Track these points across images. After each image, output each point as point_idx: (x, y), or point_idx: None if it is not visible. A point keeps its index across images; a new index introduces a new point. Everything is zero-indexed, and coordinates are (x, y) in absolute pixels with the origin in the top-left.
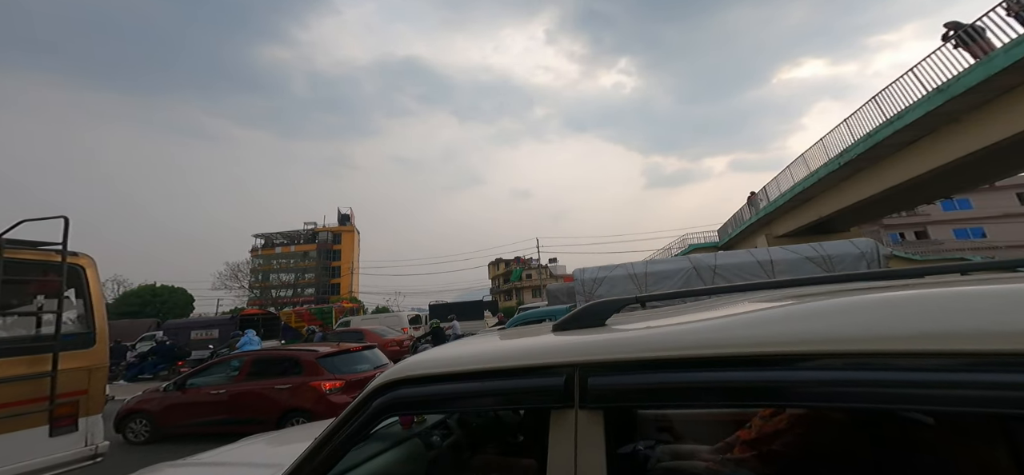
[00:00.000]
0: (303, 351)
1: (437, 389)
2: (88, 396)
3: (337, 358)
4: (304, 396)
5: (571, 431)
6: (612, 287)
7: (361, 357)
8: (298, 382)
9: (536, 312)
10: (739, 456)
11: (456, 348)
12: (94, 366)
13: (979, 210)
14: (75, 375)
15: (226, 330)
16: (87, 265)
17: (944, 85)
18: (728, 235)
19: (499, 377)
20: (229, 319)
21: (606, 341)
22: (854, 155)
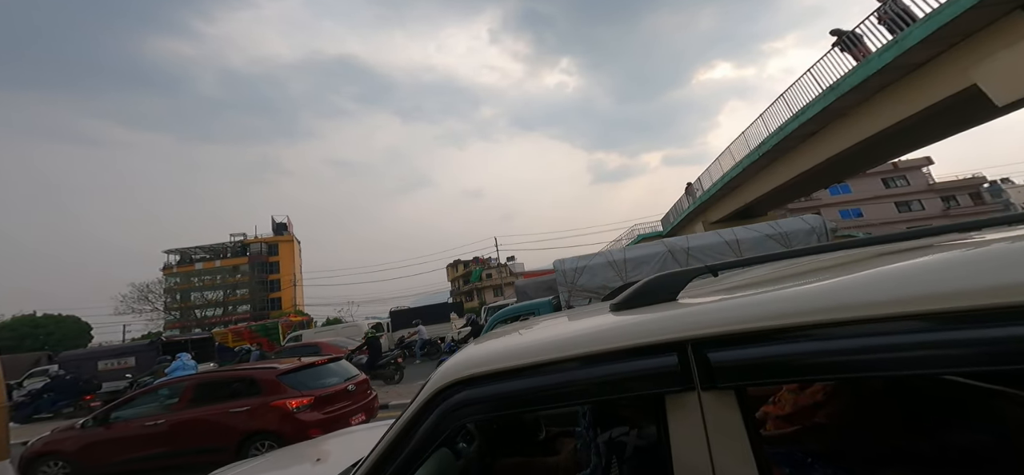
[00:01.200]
0: (258, 369)
1: (514, 386)
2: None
3: (301, 374)
4: (267, 418)
5: (696, 416)
6: (593, 275)
7: (327, 371)
8: (258, 403)
9: (517, 308)
10: (778, 432)
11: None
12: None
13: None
14: None
15: (146, 357)
16: None
17: (834, 84)
18: (671, 224)
19: (589, 364)
20: (148, 345)
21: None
22: (769, 146)
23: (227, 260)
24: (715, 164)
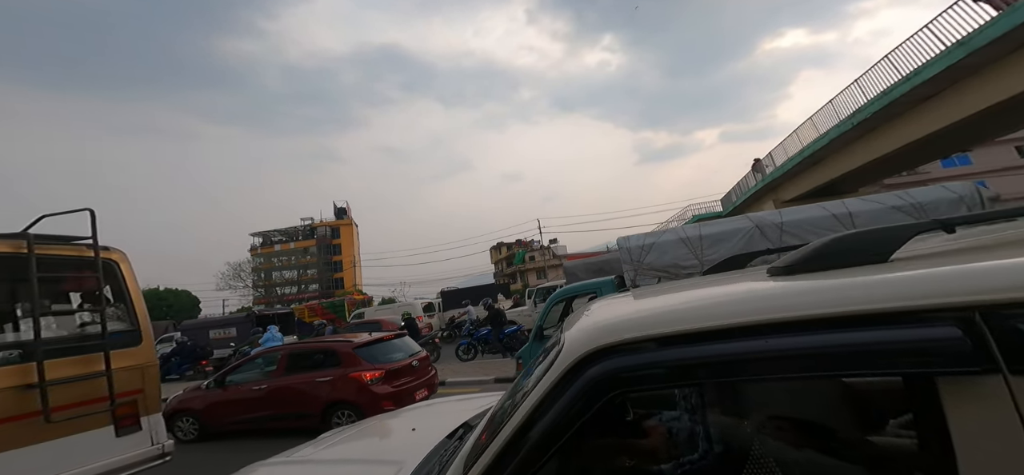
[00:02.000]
0: (338, 342)
1: (687, 355)
2: (144, 395)
3: (373, 347)
4: (346, 388)
5: (1004, 408)
6: (662, 253)
7: (394, 346)
8: (338, 374)
9: (576, 287)
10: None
11: (674, 299)
12: (145, 364)
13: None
14: (128, 374)
15: (244, 328)
16: (120, 260)
17: (965, 38)
18: (733, 204)
19: (808, 331)
20: (244, 317)
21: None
22: (868, 114)
23: (299, 242)
24: (791, 138)
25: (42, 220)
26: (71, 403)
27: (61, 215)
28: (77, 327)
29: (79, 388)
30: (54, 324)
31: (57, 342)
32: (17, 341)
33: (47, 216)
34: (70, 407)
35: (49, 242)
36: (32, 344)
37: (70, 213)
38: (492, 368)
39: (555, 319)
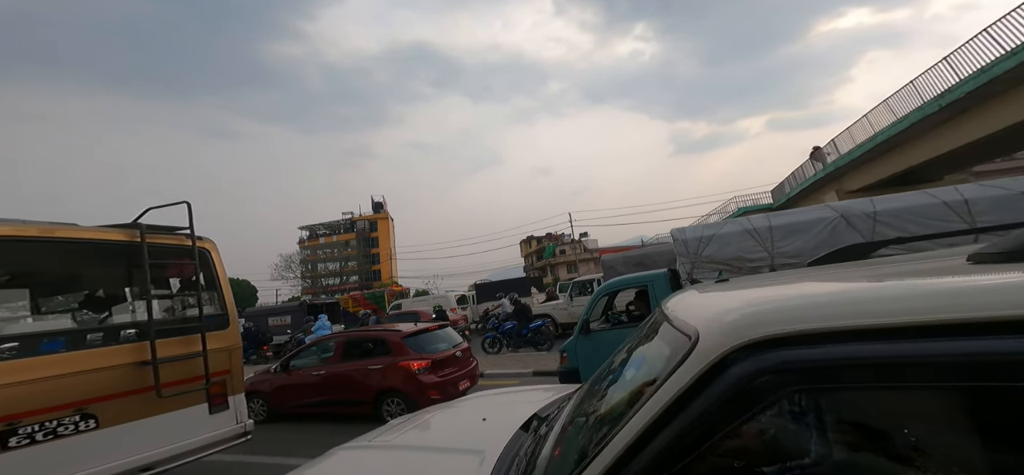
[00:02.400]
0: (388, 332)
1: (898, 351)
2: (231, 375)
3: (420, 337)
4: (395, 376)
5: None
6: (723, 245)
7: (439, 336)
8: (388, 363)
9: (627, 280)
10: None
11: (866, 285)
12: (232, 347)
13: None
14: (219, 355)
15: (297, 316)
16: (211, 248)
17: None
18: (786, 195)
19: None
20: (297, 306)
21: None
22: (961, 94)
23: (341, 236)
24: (860, 123)
25: (148, 212)
26: (176, 380)
27: (161, 208)
28: (178, 310)
29: (181, 367)
30: (157, 306)
31: (165, 323)
32: (134, 321)
33: (152, 209)
34: (175, 384)
35: (156, 232)
36: (146, 324)
37: (170, 205)
38: (531, 361)
39: (599, 313)
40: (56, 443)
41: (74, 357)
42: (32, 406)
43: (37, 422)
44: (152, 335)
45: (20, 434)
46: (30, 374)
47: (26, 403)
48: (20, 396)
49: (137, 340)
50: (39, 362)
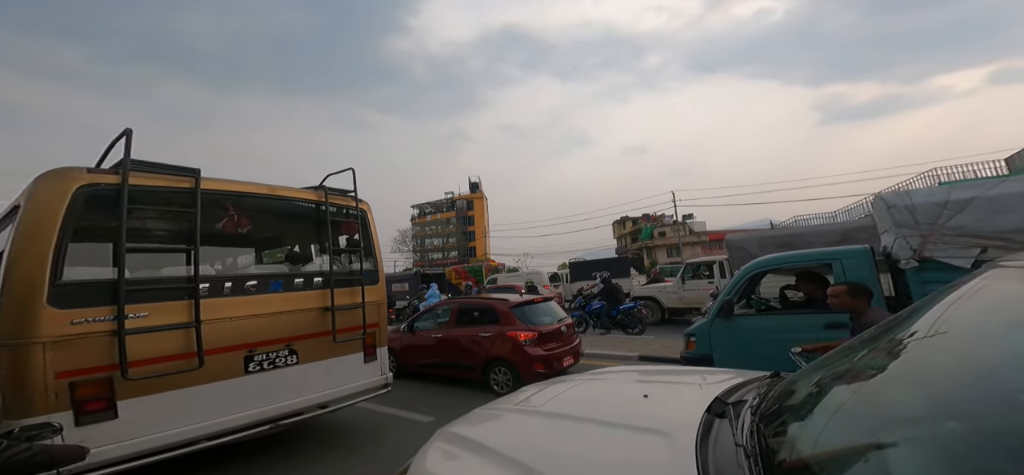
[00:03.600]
0: (498, 300)
1: None
2: (379, 329)
3: (526, 308)
4: (503, 346)
5: None
6: (994, 212)
7: (544, 309)
8: (497, 331)
9: (784, 258)
10: None
11: None
12: (380, 301)
13: None
14: (372, 308)
15: (413, 284)
16: (368, 210)
17: None
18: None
19: None
20: (413, 275)
21: None
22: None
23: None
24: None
25: (327, 178)
26: (344, 328)
27: (335, 174)
28: (345, 264)
29: (347, 315)
30: (327, 259)
31: (337, 275)
32: (319, 270)
33: (331, 174)
34: (344, 331)
35: (333, 194)
36: (328, 274)
37: (339, 172)
38: (621, 344)
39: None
40: (273, 373)
41: (287, 298)
42: (262, 338)
43: (264, 352)
44: (332, 284)
45: (255, 360)
46: (262, 309)
47: (259, 334)
48: (256, 327)
49: (322, 288)
50: (268, 299)
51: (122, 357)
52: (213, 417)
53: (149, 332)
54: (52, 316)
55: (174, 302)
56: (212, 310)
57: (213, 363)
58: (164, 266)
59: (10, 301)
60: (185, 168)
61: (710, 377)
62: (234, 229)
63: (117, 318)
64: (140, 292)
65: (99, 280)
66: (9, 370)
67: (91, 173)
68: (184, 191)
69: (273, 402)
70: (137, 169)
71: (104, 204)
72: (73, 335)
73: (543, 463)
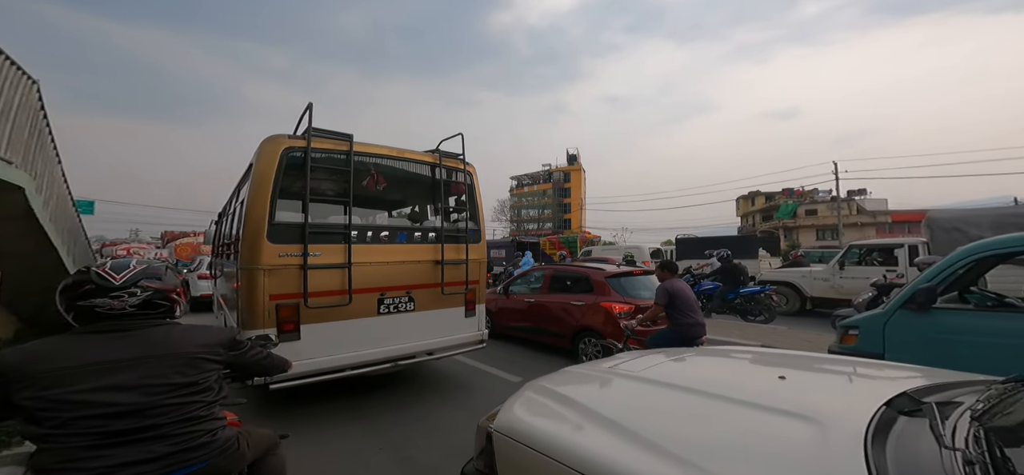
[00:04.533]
0: (593, 269)
1: None
2: (479, 286)
3: (623, 280)
4: (594, 316)
5: None
6: None
7: (643, 283)
8: (590, 301)
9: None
10: None
11: None
12: (481, 260)
13: None
14: (474, 265)
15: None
16: (474, 172)
17: None
18: None
19: None
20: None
21: None
22: None
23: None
24: None
25: (441, 143)
26: (451, 282)
27: (447, 139)
28: (452, 221)
29: (453, 270)
30: (439, 216)
31: (448, 231)
32: (432, 226)
33: (444, 140)
34: (451, 285)
35: (446, 156)
36: (439, 230)
37: (451, 137)
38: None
39: (945, 284)
40: (396, 316)
41: (408, 249)
42: (390, 283)
43: (392, 296)
44: (442, 239)
45: (384, 303)
46: (391, 257)
47: (388, 280)
48: (386, 273)
49: (434, 242)
50: (395, 249)
51: (305, 287)
52: (355, 350)
53: (321, 269)
54: (269, 249)
55: (335, 245)
56: (358, 255)
57: (358, 302)
58: (329, 215)
59: (248, 236)
60: (343, 133)
61: (868, 370)
62: (373, 186)
63: (303, 254)
64: (315, 235)
65: (293, 223)
66: (246, 290)
67: (291, 138)
68: (342, 153)
69: (395, 343)
70: (315, 135)
71: (296, 162)
72: (279, 265)
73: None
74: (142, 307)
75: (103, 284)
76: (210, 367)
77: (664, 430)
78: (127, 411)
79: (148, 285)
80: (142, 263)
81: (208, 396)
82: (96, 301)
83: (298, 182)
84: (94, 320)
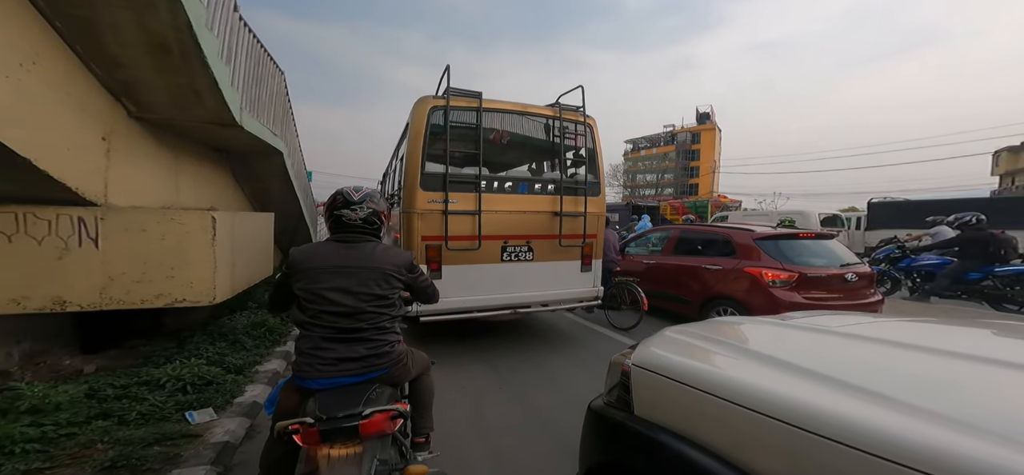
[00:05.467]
0: (736, 230)
1: None
2: (596, 241)
3: (781, 243)
4: (735, 284)
5: None
6: None
7: (812, 248)
8: (730, 266)
9: None
10: None
11: None
12: (600, 214)
13: None
14: (592, 219)
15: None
16: (593, 124)
17: None
18: None
19: None
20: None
21: None
22: None
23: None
24: None
25: (561, 97)
26: (569, 234)
27: (567, 93)
28: (570, 174)
29: (571, 223)
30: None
31: (566, 183)
32: (552, 178)
33: (563, 94)
34: (568, 237)
35: (566, 109)
36: (558, 182)
37: (570, 91)
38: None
39: None
40: (517, 265)
41: (529, 199)
42: (512, 232)
43: (513, 245)
44: (562, 191)
45: (507, 250)
46: (514, 207)
47: (510, 228)
48: (509, 222)
49: (553, 194)
50: (517, 199)
51: (446, 231)
52: (482, 293)
53: (458, 214)
54: (421, 195)
55: (467, 194)
56: (486, 203)
57: (485, 247)
58: (463, 166)
59: (407, 184)
60: (473, 91)
61: None
62: (499, 139)
63: (445, 201)
64: (452, 183)
65: (436, 173)
66: (405, 231)
67: (435, 98)
68: (473, 109)
69: (516, 291)
70: (452, 93)
71: (439, 118)
72: (428, 210)
73: (821, 365)
74: (366, 222)
75: (347, 199)
76: (396, 284)
77: (844, 366)
78: (346, 312)
79: (371, 205)
80: (367, 190)
81: (392, 310)
82: (343, 212)
83: (440, 135)
84: (340, 229)
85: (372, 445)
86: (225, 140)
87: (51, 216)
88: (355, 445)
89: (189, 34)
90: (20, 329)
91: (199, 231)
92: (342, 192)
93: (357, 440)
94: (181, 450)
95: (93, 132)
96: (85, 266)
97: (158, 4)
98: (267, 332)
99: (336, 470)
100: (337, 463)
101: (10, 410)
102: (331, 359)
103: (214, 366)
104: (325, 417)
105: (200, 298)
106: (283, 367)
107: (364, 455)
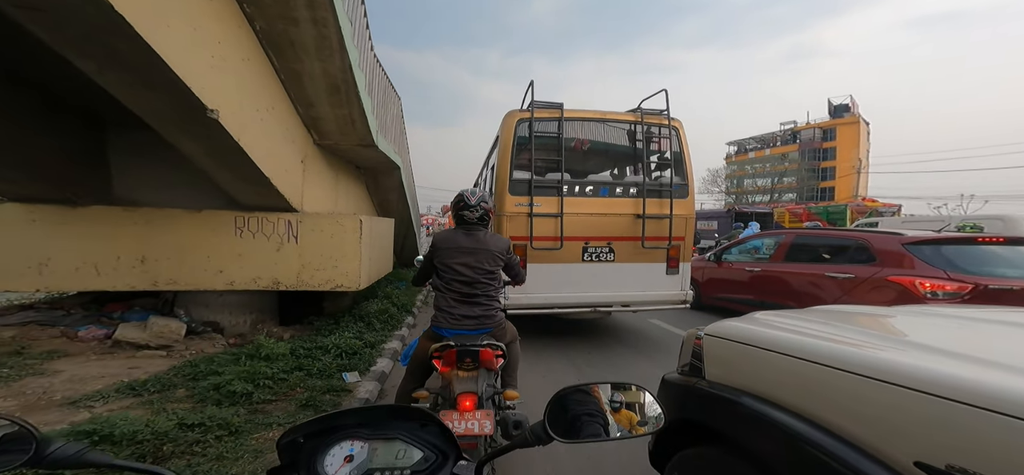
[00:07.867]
0: (875, 233)
1: None
2: (684, 243)
3: (945, 248)
4: (875, 294)
5: None
6: None
7: (997, 255)
8: (868, 274)
9: None
10: None
11: None
12: (688, 216)
13: None
14: (679, 221)
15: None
16: (680, 127)
17: None
18: None
19: None
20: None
21: None
22: None
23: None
24: None
25: (643, 101)
26: (652, 236)
27: (649, 98)
28: (655, 176)
29: (655, 225)
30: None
31: (650, 186)
32: (634, 181)
33: (645, 99)
34: (652, 239)
35: (648, 113)
36: (641, 185)
37: (653, 95)
38: None
39: None
40: (598, 265)
41: (610, 202)
42: (592, 233)
43: (594, 246)
44: (644, 193)
45: (588, 251)
46: (595, 210)
47: (591, 230)
48: (590, 224)
49: (636, 197)
50: (598, 202)
51: (530, 231)
52: (563, 292)
53: (541, 217)
54: (509, 200)
55: (550, 197)
56: (568, 206)
57: (567, 247)
58: (546, 172)
59: (497, 190)
60: (555, 103)
61: None
62: (580, 146)
63: (530, 204)
64: (537, 188)
65: (523, 179)
66: (495, 231)
67: (521, 112)
68: (555, 120)
69: (596, 291)
70: (537, 106)
71: (525, 130)
72: (515, 213)
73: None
74: (480, 220)
75: (466, 202)
76: (499, 263)
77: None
78: (467, 281)
79: (483, 206)
80: (479, 194)
81: (497, 283)
82: (463, 212)
83: (526, 145)
84: (462, 224)
85: (483, 374)
86: (363, 158)
87: (275, 219)
88: (474, 369)
89: (351, 74)
90: (252, 304)
91: (351, 231)
92: (463, 196)
93: (476, 365)
94: (341, 399)
95: (296, 157)
96: (290, 257)
97: (335, 53)
98: (389, 318)
99: (462, 383)
100: (462, 380)
101: (255, 355)
102: (458, 315)
103: (357, 341)
104: (458, 345)
105: (351, 285)
106: (400, 346)
107: (479, 377)
